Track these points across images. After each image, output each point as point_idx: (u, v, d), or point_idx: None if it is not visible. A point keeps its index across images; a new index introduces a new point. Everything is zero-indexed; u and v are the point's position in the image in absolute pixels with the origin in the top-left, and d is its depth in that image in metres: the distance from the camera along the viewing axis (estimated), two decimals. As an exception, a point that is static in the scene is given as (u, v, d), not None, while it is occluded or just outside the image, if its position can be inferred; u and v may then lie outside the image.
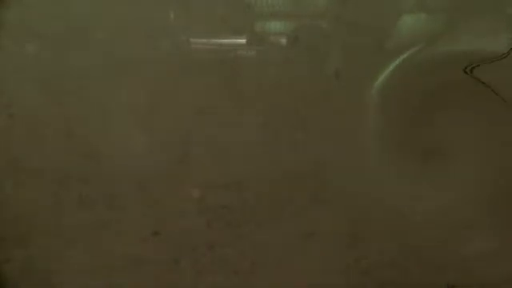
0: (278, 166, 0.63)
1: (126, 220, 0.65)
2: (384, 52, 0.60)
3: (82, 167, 0.63)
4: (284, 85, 0.61)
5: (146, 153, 0.63)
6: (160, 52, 0.61)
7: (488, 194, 0.63)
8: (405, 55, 0.58)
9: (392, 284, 0.65)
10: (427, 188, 0.62)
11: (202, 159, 0.63)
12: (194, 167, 0.63)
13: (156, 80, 0.61)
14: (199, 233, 0.65)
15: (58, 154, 0.63)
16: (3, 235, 0.66)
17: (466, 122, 0.61)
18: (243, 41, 0.61)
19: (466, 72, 0.55)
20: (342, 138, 0.62)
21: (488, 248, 0.62)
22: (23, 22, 0.60)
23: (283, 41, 0.61)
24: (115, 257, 0.66)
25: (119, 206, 0.64)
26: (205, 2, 0.60)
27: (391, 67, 0.58)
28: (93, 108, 0.62)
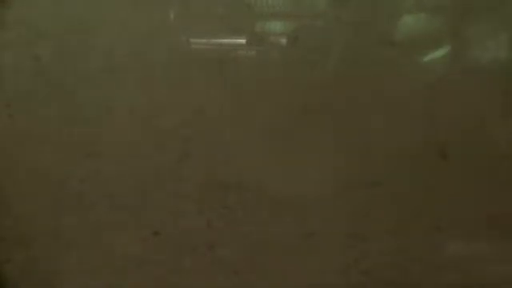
0: (277, 166, 0.63)
1: (126, 220, 0.65)
2: (384, 52, 0.60)
3: (82, 167, 0.63)
4: (284, 85, 0.61)
5: (146, 153, 0.63)
6: (160, 52, 0.61)
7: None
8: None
9: (392, 284, 0.65)
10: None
11: (202, 159, 0.63)
12: (194, 167, 0.63)
13: (156, 80, 0.61)
14: (199, 233, 0.65)
15: (58, 153, 0.63)
16: (3, 235, 0.66)
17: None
18: (243, 41, 0.61)
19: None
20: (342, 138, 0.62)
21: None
22: (23, 22, 0.60)
23: (283, 41, 0.61)
24: (115, 257, 0.66)
25: (119, 206, 0.64)
26: (205, 2, 0.60)
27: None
28: (93, 108, 0.62)
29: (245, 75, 0.61)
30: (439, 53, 0.61)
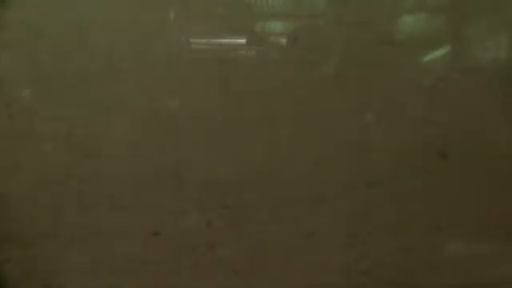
0: (278, 166, 0.63)
1: (127, 220, 0.65)
2: (384, 52, 0.60)
3: (82, 167, 0.63)
4: (283, 85, 0.61)
5: (146, 153, 0.63)
6: (160, 52, 0.61)
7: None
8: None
9: (392, 284, 0.65)
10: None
11: (202, 159, 0.63)
12: (194, 167, 0.63)
13: (156, 80, 0.61)
14: (199, 233, 0.65)
15: (58, 153, 0.63)
16: (3, 235, 0.66)
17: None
18: (243, 41, 0.61)
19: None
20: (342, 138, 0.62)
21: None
22: (23, 22, 0.60)
23: (283, 41, 0.61)
24: (115, 257, 0.66)
25: (119, 207, 0.64)
26: (205, 2, 0.60)
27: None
28: (93, 108, 0.62)
29: (245, 75, 0.61)
30: (439, 53, 0.61)
